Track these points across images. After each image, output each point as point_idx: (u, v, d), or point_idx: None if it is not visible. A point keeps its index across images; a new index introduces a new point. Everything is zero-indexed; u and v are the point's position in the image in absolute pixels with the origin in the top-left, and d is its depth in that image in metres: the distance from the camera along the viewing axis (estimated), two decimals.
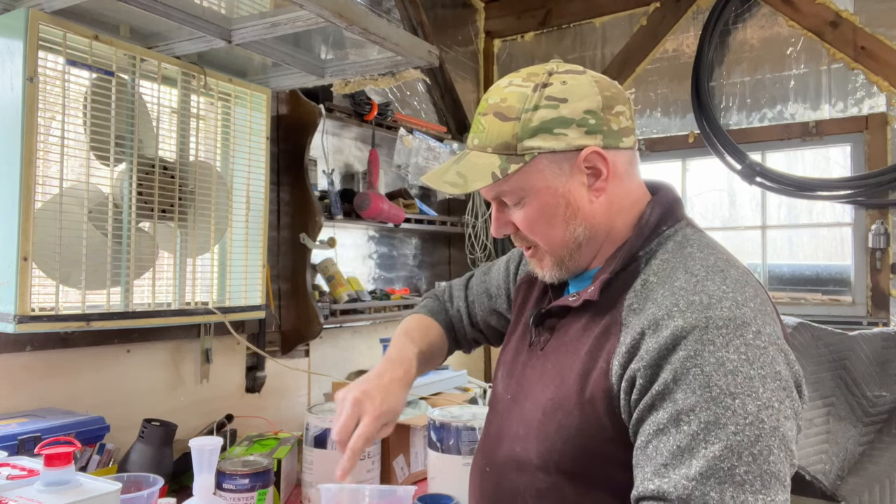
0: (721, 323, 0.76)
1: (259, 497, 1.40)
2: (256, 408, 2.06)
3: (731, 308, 0.78)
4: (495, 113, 0.92)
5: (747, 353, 0.74)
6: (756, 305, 0.80)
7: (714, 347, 0.75)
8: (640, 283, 0.88)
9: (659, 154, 3.08)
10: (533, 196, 0.92)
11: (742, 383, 0.72)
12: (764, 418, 0.71)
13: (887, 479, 2.01)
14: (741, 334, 0.76)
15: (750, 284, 0.84)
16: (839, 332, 2.28)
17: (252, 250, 1.86)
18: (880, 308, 2.58)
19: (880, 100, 2.61)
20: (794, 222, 2.84)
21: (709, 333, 0.76)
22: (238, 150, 1.83)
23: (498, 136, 0.91)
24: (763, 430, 0.71)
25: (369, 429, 0.98)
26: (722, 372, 0.73)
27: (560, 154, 0.89)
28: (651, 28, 3.06)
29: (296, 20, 1.42)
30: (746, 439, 0.70)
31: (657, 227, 0.92)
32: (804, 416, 2.18)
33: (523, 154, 0.90)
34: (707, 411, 0.72)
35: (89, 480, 1.04)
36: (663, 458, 0.74)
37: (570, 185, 0.91)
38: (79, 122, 1.47)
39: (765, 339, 0.77)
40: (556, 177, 0.91)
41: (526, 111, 0.89)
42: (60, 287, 1.41)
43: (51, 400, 1.54)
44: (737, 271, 0.86)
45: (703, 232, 0.95)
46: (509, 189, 0.93)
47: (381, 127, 2.47)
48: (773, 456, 0.70)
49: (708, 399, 0.72)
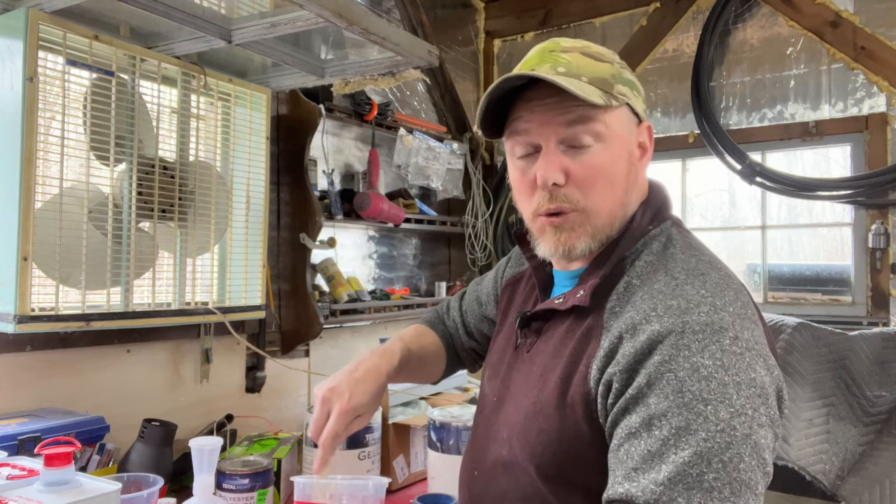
0: (697, 328, 0.75)
1: (259, 497, 1.40)
2: (256, 408, 2.06)
3: (709, 313, 0.77)
4: (583, 53, 0.87)
5: (722, 359, 0.73)
6: (735, 310, 0.79)
7: (689, 353, 0.74)
8: (622, 286, 0.86)
9: (659, 154, 3.07)
10: (611, 141, 0.86)
11: (715, 389, 0.71)
12: (736, 425, 0.70)
13: (887, 479, 2.01)
14: (717, 340, 0.74)
15: (731, 288, 0.83)
16: (839, 332, 2.28)
17: (252, 250, 1.86)
18: (880, 308, 2.58)
19: (880, 100, 2.61)
20: (794, 222, 2.84)
21: (684, 338, 0.74)
22: (238, 150, 1.83)
23: (593, 70, 0.86)
24: (735, 437, 0.70)
25: (337, 425, 0.97)
26: (696, 378, 0.72)
27: (634, 115, 0.89)
28: (651, 28, 3.06)
29: (296, 20, 1.42)
30: (717, 446, 0.69)
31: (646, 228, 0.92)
32: (804, 417, 2.19)
33: (617, 96, 0.87)
34: (679, 417, 0.71)
35: (89, 480, 1.04)
36: (634, 463, 0.73)
37: (632, 148, 0.89)
38: (79, 122, 1.47)
39: (742, 344, 0.75)
40: (629, 134, 0.89)
41: (616, 62, 0.89)
42: (60, 287, 1.41)
43: (51, 400, 1.54)
44: (718, 274, 0.84)
45: (688, 232, 0.94)
46: (597, 124, 0.85)
47: (381, 127, 2.47)
48: (743, 464, 0.69)
49: (680, 405, 0.72)
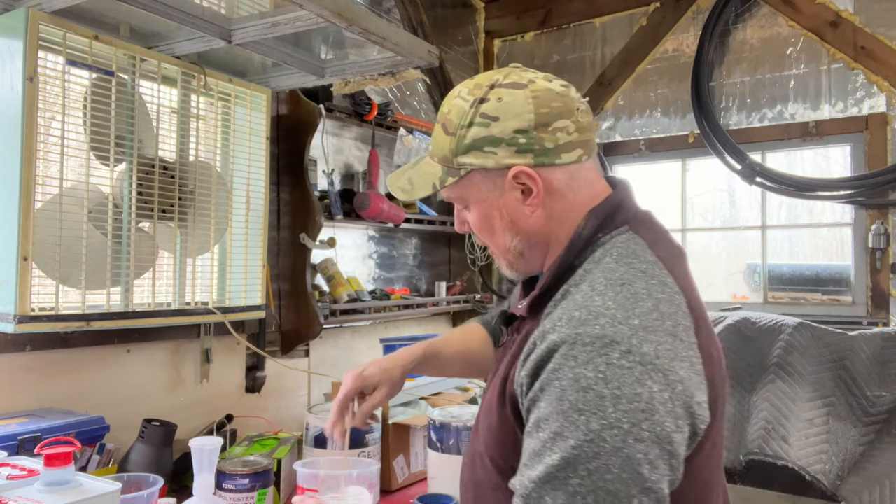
0: (588, 340, 0.77)
1: (259, 497, 1.40)
2: (256, 408, 2.06)
3: (605, 325, 0.78)
4: (441, 124, 0.97)
5: (605, 372, 0.74)
6: (643, 322, 0.78)
7: (574, 364, 0.76)
8: (560, 294, 0.89)
9: (659, 154, 3.08)
10: (473, 205, 0.98)
11: (591, 401, 0.73)
12: (606, 437, 0.72)
13: (887, 479, 2.01)
14: (605, 353, 0.75)
15: (651, 299, 0.81)
16: (839, 332, 2.28)
17: (252, 250, 1.86)
18: (880, 308, 2.58)
19: (880, 100, 2.61)
20: (794, 222, 2.84)
21: (574, 349, 0.77)
22: (238, 150, 1.83)
23: (440, 147, 0.97)
24: (603, 449, 0.72)
25: (348, 387, 1.14)
26: (575, 388, 0.75)
27: (492, 171, 0.93)
28: (651, 28, 3.06)
29: (296, 20, 1.42)
30: (584, 454, 0.72)
31: (593, 236, 0.91)
32: (804, 417, 2.19)
33: (459, 168, 0.94)
34: (556, 423, 0.75)
35: (89, 480, 1.04)
36: (524, 459, 0.79)
37: (505, 199, 0.94)
38: (79, 122, 1.47)
39: (634, 358, 0.75)
40: (491, 191, 0.95)
41: (461, 127, 0.93)
42: (60, 287, 1.41)
43: (51, 400, 1.54)
44: (644, 284, 0.83)
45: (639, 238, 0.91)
46: (454, 196, 0.99)
47: (381, 127, 2.47)
48: (610, 475, 0.71)
49: (559, 411, 0.75)
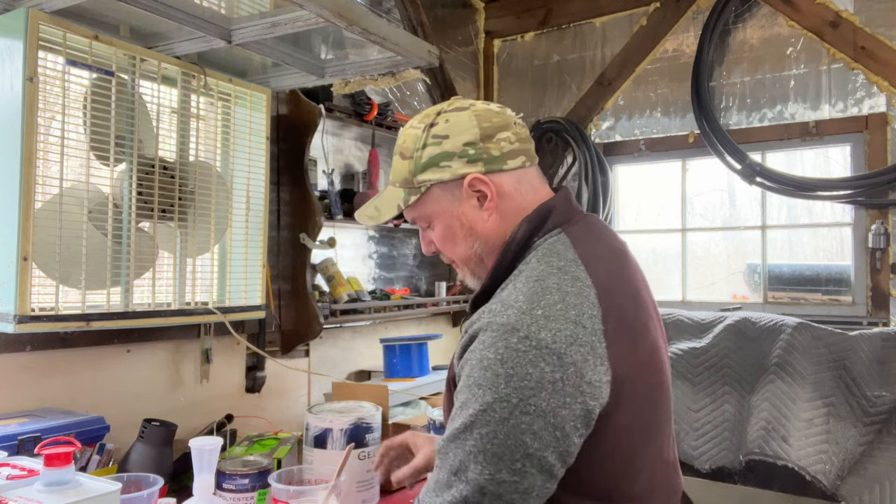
0: (496, 327, 0.91)
1: (259, 497, 1.40)
2: (256, 408, 2.06)
3: (511, 315, 0.91)
4: (398, 153, 1.10)
5: (503, 355, 0.88)
6: (546, 312, 0.90)
7: (482, 347, 0.91)
8: (497, 292, 1.00)
9: (659, 154, 3.08)
10: (436, 220, 1.09)
11: (488, 378, 0.88)
12: (496, 409, 0.87)
13: (887, 479, 2.01)
14: (505, 338, 0.89)
15: (561, 291, 0.93)
16: (839, 332, 2.28)
17: (252, 250, 1.86)
18: (880, 308, 2.58)
19: (880, 100, 2.61)
20: (794, 222, 2.84)
21: (485, 335, 0.91)
22: (238, 150, 1.83)
23: (400, 172, 1.09)
24: (493, 417, 0.87)
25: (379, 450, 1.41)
26: (479, 367, 0.90)
27: (449, 183, 1.05)
28: (651, 28, 3.06)
29: (296, 20, 1.42)
30: (478, 421, 0.88)
31: (529, 240, 1.02)
32: (804, 417, 2.19)
33: (419, 186, 1.07)
34: (463, 395, 0.91)
35: (89, 480, 1.05)
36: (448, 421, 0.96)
37: (463, 208, 1.06)
38: (79, 122, 1.47)
39: (530, 343, 0.88)
40: (450, 202, 1.07)
41: (417, 150, 1.06)
42: (60, 287, 1.41)
43: (51, 400, 1.54)
44: (556, 279, 0.94)
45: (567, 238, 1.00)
46: (417, 216, 1.11)
47: (381, 127, 2.47)
48: (496, 440, 0.87)
49: (466, 385, 0.91)
